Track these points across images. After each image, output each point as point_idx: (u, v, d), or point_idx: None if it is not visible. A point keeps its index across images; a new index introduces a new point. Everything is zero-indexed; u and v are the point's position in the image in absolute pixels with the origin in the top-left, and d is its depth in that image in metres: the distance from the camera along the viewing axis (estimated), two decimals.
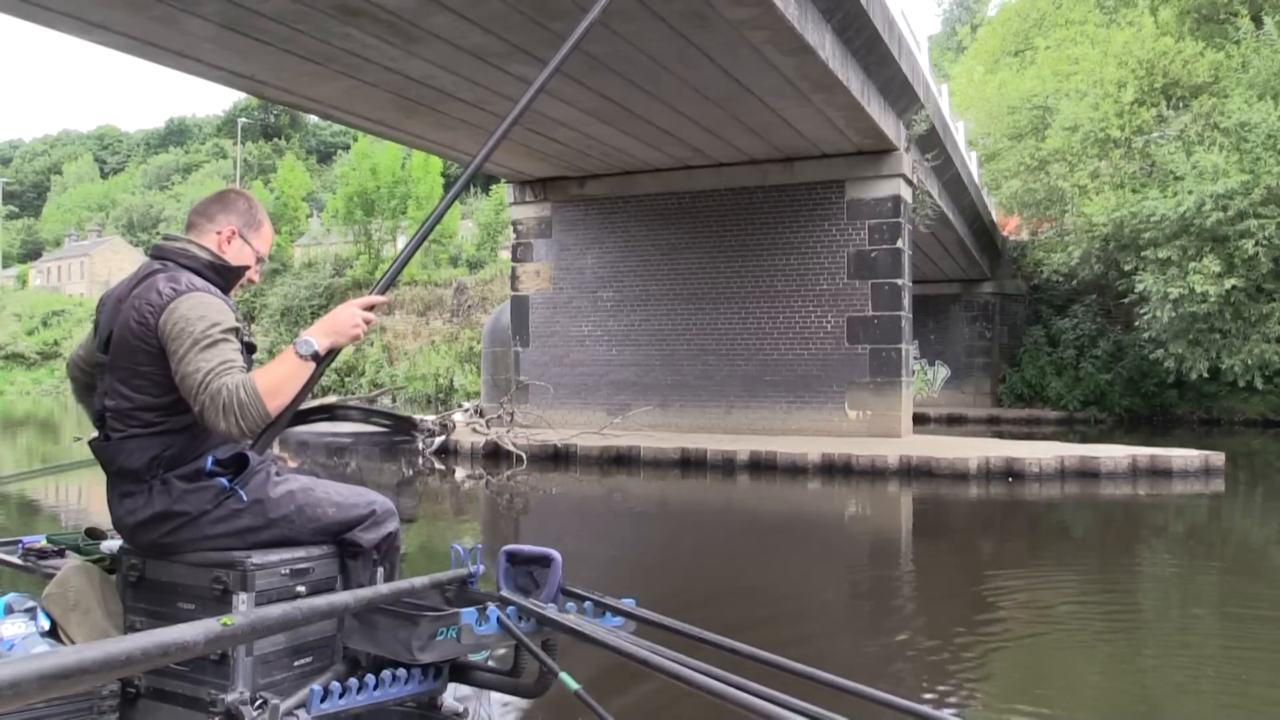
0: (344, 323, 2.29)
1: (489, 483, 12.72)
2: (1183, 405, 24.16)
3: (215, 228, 2.44)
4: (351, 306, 2.32)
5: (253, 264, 2.50)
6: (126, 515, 2.28)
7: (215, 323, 2.19)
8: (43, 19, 9.32)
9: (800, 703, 1.87)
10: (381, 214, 38.40)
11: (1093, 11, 28.40)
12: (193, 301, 2.22)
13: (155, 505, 2.23)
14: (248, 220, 2.49)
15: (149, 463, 2.24)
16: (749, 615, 5.57)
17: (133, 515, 2.26)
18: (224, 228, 2.44)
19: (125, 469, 2.26)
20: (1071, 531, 9.67)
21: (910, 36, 13.89)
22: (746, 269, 15.86)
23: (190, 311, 2.20)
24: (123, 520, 2.29)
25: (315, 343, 2.23)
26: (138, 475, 2.25)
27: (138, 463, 2.24)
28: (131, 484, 2.26)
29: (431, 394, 31.21)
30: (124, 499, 2.28)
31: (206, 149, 78.96)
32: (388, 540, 2.47)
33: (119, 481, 2.29)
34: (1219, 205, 19.55)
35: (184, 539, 2.25)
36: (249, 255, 2.48)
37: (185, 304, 2.21)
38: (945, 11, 60.67)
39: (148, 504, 2.24)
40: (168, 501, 2.23)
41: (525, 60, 10.57)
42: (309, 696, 2.12)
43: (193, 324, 2.17)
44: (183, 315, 2.19)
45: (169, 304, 2.22)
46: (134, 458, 2.25)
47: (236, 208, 2.49)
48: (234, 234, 2.45)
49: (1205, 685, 4.50)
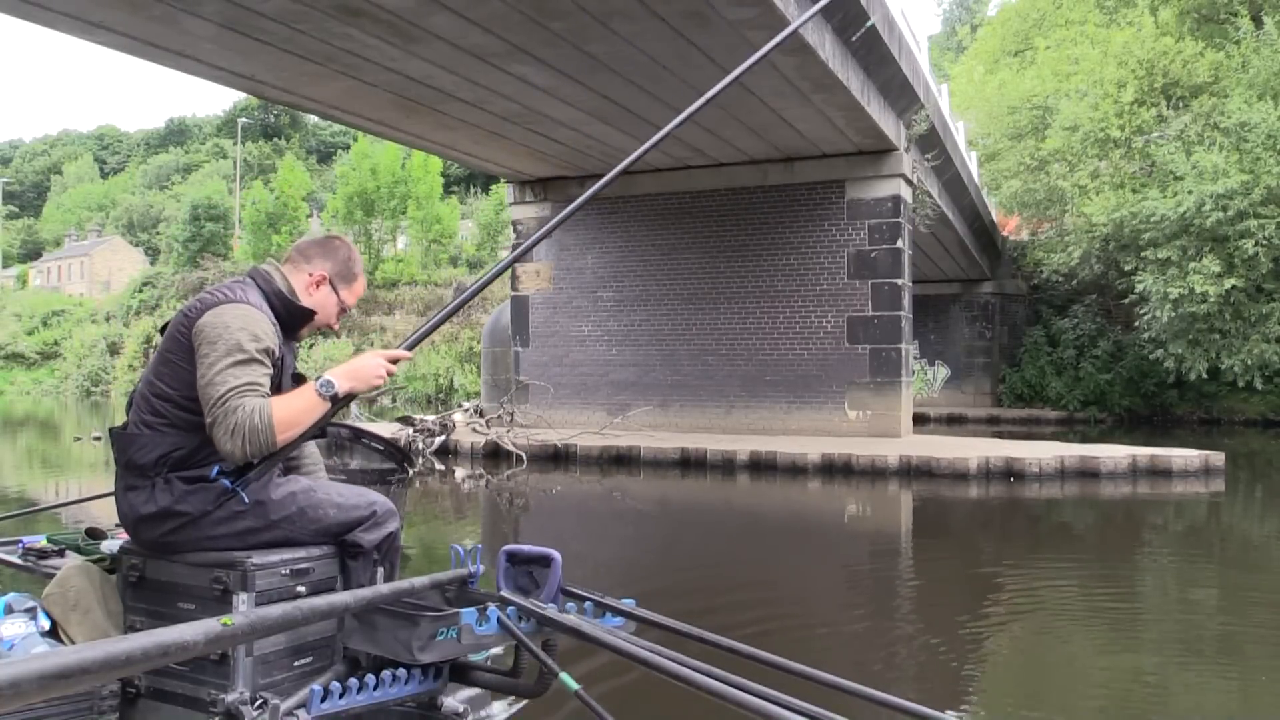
0: (368, 370, 2.34)
1: (489, 483, 12.72)
2: (1183, 405, 24.16)
3: (310, 268, 2.47)
4: (378, 356, 2.37)
5: (334, 314, 2.50)
6: (130, 509, 2.29)
7: (254, 336, 2.22)
8: (43, 19, 9.32)
9: (800, 703, 1.88)
10: (381, 214, 38.45)
11: (1093, 11, 28.41)
12: (238, 311, 2.25)
13: (158, 502, 2.24)
14: (343, 271, 2.51)
15: (156, 460, 2.24)
16: (749, 615, 5.56)
17: (135, 510, 2.27)
18: (317, 271, 2.47)
19: (134, 462, 2.27)
20: (1072, 531, 9.67)
21: (910, 36, 13.89)
22: (746, 269, 15.87)
23: (232, 320, 2.22)
24: (127, 514, 2.31)
25: (337, 385, 2.28)
26: (144, 470, 2.26)
27: (146, 458, 2.25)
28: (137, 478, 2.27)
29: (431, 394, 31.23)
30: (129, 491, 2.29)
31: (206, 149, 78.92)
32: (388, 540, 2.47)
33: (126, 474, 2.31)
34: (1219, 205, 19.55)
35: (185, 538, 2.26)
36: (333, 304, 2.49)
37: (230, 311, 2.24)
38: (945, 11, 60.73)
39: (150, 500, 2.25)
40: (169, 500, 2.24)
41: (525, 60, 10.58)
42: (309, 696, 2.12)
43: (232, 333, 2.20)
44: (223, 321, 2.22)
45: (215, 306, 2.25)
46: (143, 452, 2.26)
47: (337, 255, 2.51)
48: (324, 280, 2.47)
49: (1206, 685, 4.51)
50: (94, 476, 13.28)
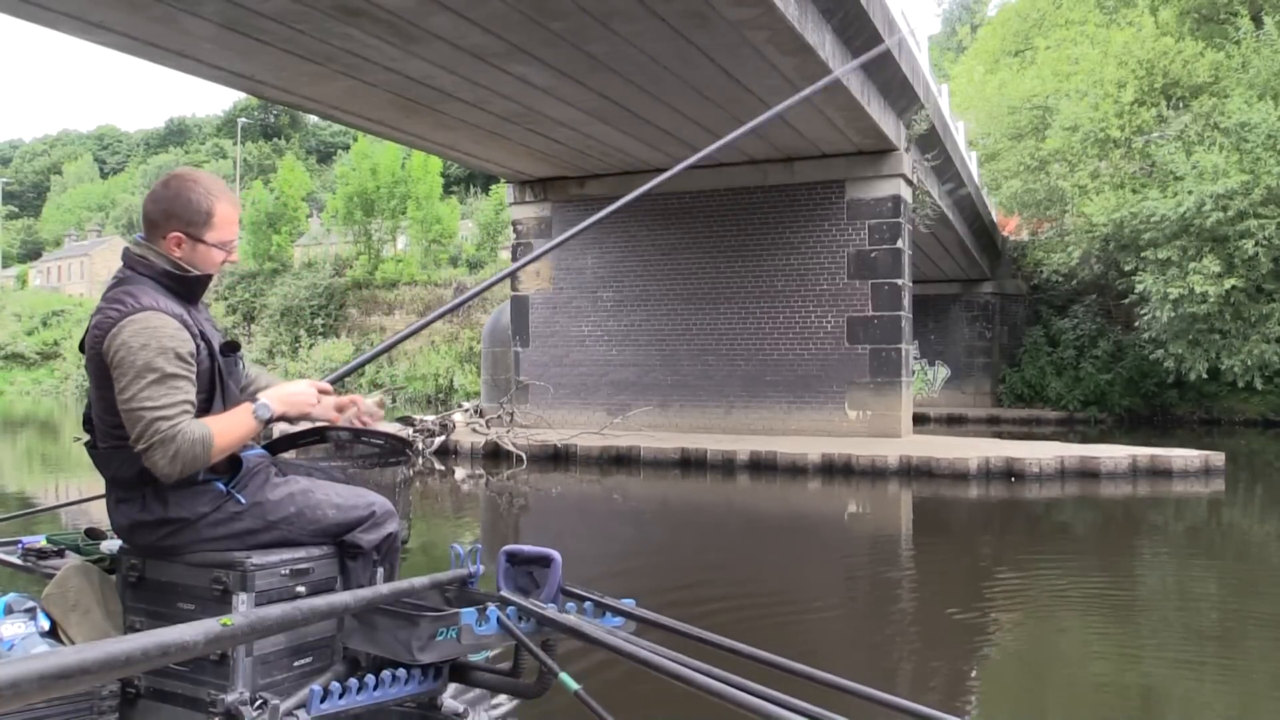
0: (300, 397, 2.40)
1: (489, 483, 12.72)
2: (1183, 405, 24.16)
3: (161, 234, 2.25)
4: (311, 386, 2.44)
5: (216, 258, 2.30)
6: (123, 519, 2.27)
7: (163, 349, 2.10)
8: (43, 19, 9.32)
9: (800, 703, 1.87)
10: (381, 214, 38.41)
11: (1093, 11, 28.41)
12: (136, 327, 2.10)
13: (151, 512, 2.22)
14: (191, 217, 2.23)
15: (139, 473, 2.19)
16: (749, 615, 5.56)
17: (129, 519, 2.26)
18: (169, 233, 2.24)
19: (118, 477, 2.26)
20: (1072, 531, 9.66)
21: (910, 36, 13.88)
22: (746, 269, 15.87)
23: (133, 339, 2.09)
24: (121, 524, 2.29)
25: (272, 409, 2.31)
26: (130, 484, 2.23)
27: (128, 473, 2.22)
28: (125, 490, 2.25)
29: (431, 394, 31.23)
30: (120, 504, 2.27)
31: (206, 149, 78.93)
32: (388, 541, 2.46)
33: (114, 487, 2.29)
34: (1219, 205, 19.55)
35: (182, 542, 2.25)
36: (204, 254, 2.28)
37: (129, 329, 2.10)
38: (945, 11, 60.72)
39: (143, 509, 2.23)
40: (162, 509, 2.22)
41: (525, 60, 10.57)
42: (309, 697, 2.12)
43: (135, 354, 2.08)
44: (124, 343, 2.09)
45: (114, 326, 2.12)
46: (123, 468, 2.23)
47: (176, 204, 2.23)
48: (182, 240, 2.24)
49: (1206, 684, 4.51)
50: (94, 476, 13.26)
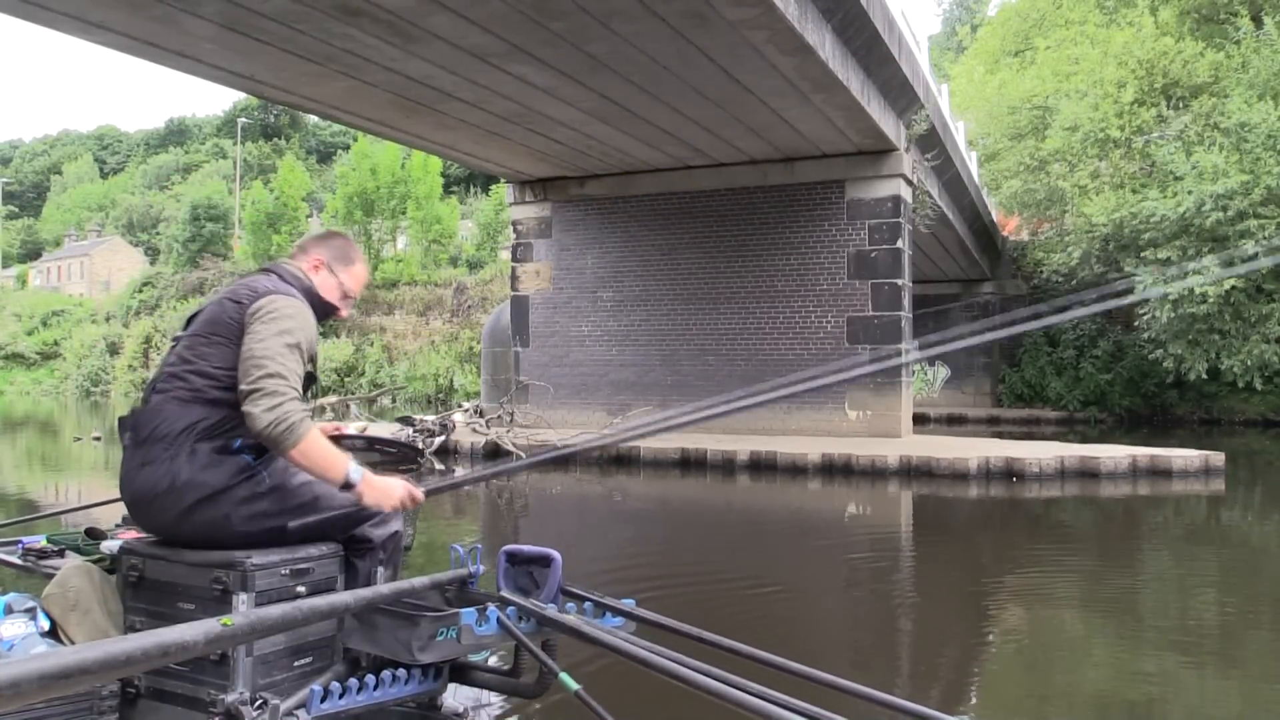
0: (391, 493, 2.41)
1: (489, 483, 12.71)
2: (1183, 405, 24.15)
3: (309, 257, 2.65)
4: (408, 488, 2.46)
5: (338, 296, 2.65)
6: (147, 486, 2.27)
7: (305, 329, 2.39)
8: (43, 19, 9.32)
9: (800, 703, 1.88)
10: (381, 214, 38.44)
11: (1093, 12, 28.41)
12: (293, 303, 2.42)
13: (181, 473, 2.24)
14: (338, 255, 2.67)
15: (183, 429, 2.27)
16: (749, 614, 5.56)
17: (154, 486, 2.26)
18: (315, 258, 2.64)
19: (158, 433, 2.28)
20: (1072, 531, 9.66)
21: (910, 36, 13.88)
22: (746, 269, 15.86)
23: (287, 308, 2.39)
24: (144, 492, 2.28)
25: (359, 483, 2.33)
26: (168, 440, 2.26)
27: (172, 427, 2.27)
28: (158, 451, 2.27)
29: (431, 394, 31.23)
30: (145, 467, 2.28)
31: (206, 149, 78.92)
32: (394, 538, 2.53)
33: (145, 450, 2.29)
34: (1219, 205, 19.54)
35: (203, 517, 2.25)
36: (334, 286, 2.64)
37: (285, 301, 2.41)
38: (945, 11, 60.73)
39: (169, 472, 2.24)
40: (192, 471, 2.24)
41: (525, 60, 10.57)
42: (309, 696, 2.12)
43: (285, 318, 2.35)
44: (279, 307, 2.37)
45: (270, 294, 2.39)
46: (170, 422, 2.28)
47: (332, 243, 2.70)
48: (321, 264, 2.63)
49: (1207, 684, 4.51)
50: (94, 477, 13.28)
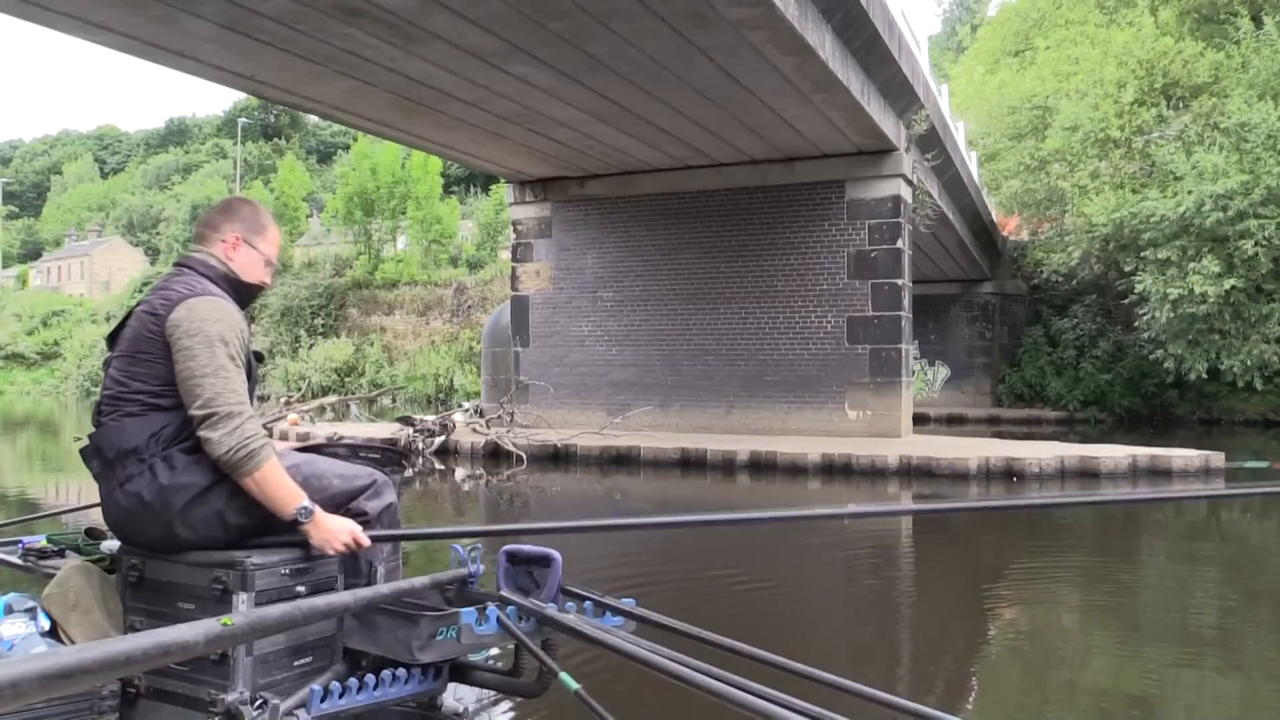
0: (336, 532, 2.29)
1: (489, 483, 12.72)
2: (1183, 405, 24.14)
3: (220, 236, 2.51)
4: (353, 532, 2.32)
5: (262, 269, 2.56)
6: (130, 503, 2.24)
7: (234, 330, 2.29)
8: (43, 19, 9.32)
9: (800, 703, 1.88)
10: (381, 214, 38.40)
11: (1093, 11, 28.43)
12: (210, 304, 2.30)
13: (161, 479, 2.21)
14: (251, 225, 2.55)
15: (149, 440, 2.23)
16: (748, 614, 5.56)
17: (137, 500, 2.22)
18: (228, 235, 2.51)
19: (124, 450, 2.24)
20: (1072, 531, 9.66)
21: (910, 36, 13.88)
22: (746, 269, 15.86)
23: (208, 313, 2.28)
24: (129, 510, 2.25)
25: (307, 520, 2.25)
26: (138, 454, 2.23)
27: (137, 440, 2.23)
28: (131, 467, 2.23)
29: (431, 394, 31.22)
30: (123, 486, 2.24)
31: (206, 149, 78.91)
32: (389, 511, 2.52)
33: (116, 470, 2.26)
34: (1219, 205, 19.54)
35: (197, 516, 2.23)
36: (256, 259, 2.54)
37: (203, 305, 2.29)
38: (945, 11, 60.74)
39: (152, 482, 2.21)
40: (173, 474, 2.21)
41: (525, 60, 10.57)
42: (309, 696, 2.12)
43: (210, 325, 2.25)
44: (200, 315, 2.26)
45: (184, 300, 2.28)
46: (132, 436, 2.24)
47: (239, 214, 2.56)
48: (239, 240, 2.51)
49: (1207, 684, 4.50)
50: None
